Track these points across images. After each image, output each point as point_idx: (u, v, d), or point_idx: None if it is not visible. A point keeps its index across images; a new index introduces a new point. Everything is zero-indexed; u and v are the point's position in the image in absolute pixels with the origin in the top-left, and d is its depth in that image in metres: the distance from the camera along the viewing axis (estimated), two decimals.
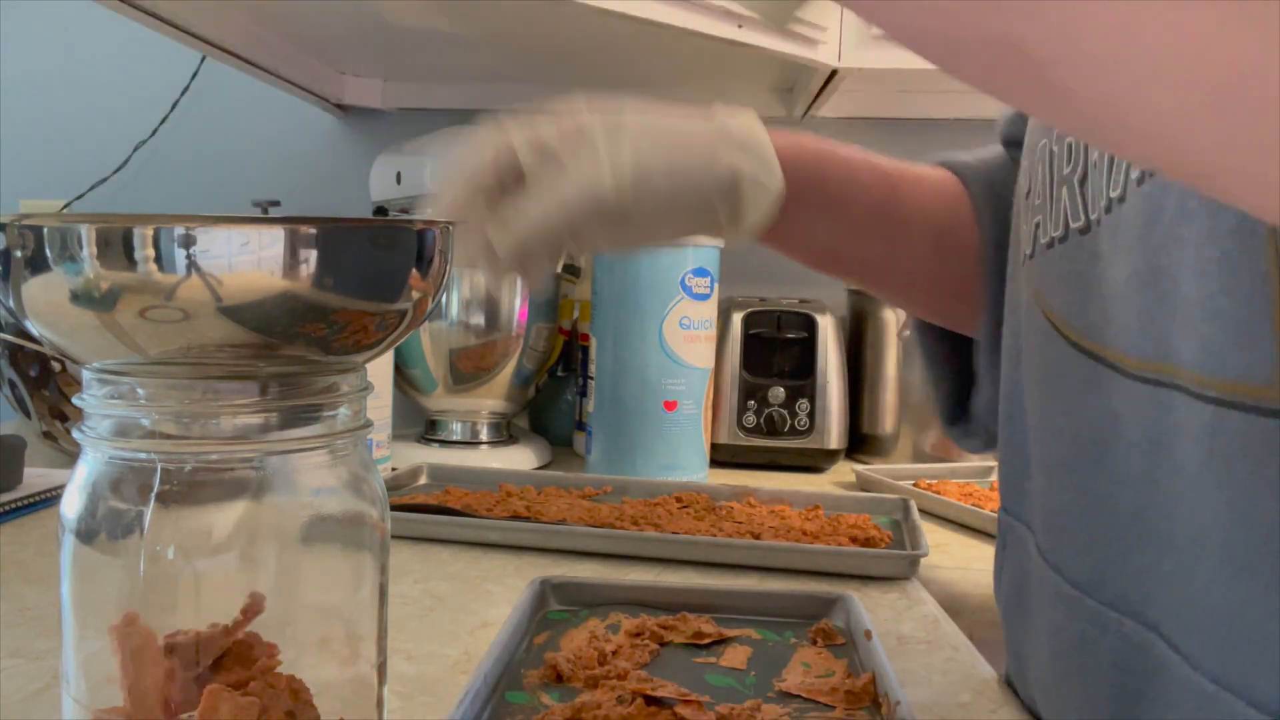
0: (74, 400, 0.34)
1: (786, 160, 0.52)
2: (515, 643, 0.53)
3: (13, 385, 1.02)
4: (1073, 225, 0.39)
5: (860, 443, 1.24)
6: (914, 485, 1.01)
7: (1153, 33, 0.18)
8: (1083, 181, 0.39)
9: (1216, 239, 0.29)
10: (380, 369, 0.99)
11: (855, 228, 0.57)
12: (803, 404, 1.16)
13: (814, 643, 0.56)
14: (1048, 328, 0.41)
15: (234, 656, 0.33)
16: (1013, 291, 0.49)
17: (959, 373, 0.63)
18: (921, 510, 0.95)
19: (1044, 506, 0.44)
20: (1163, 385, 0.33)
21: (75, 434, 0.33)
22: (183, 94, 1.43)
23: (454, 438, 1.17)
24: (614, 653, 0.52)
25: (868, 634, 0.53)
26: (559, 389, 1.30)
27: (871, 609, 0.65)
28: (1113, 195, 0.36)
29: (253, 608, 0.33)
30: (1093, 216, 0.38)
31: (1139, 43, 0.18)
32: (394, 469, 1.01)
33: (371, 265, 0.35)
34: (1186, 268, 0.31)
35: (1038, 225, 0.43)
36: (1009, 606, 0.52)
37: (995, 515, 0.88)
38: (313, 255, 0.32)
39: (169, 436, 0.33)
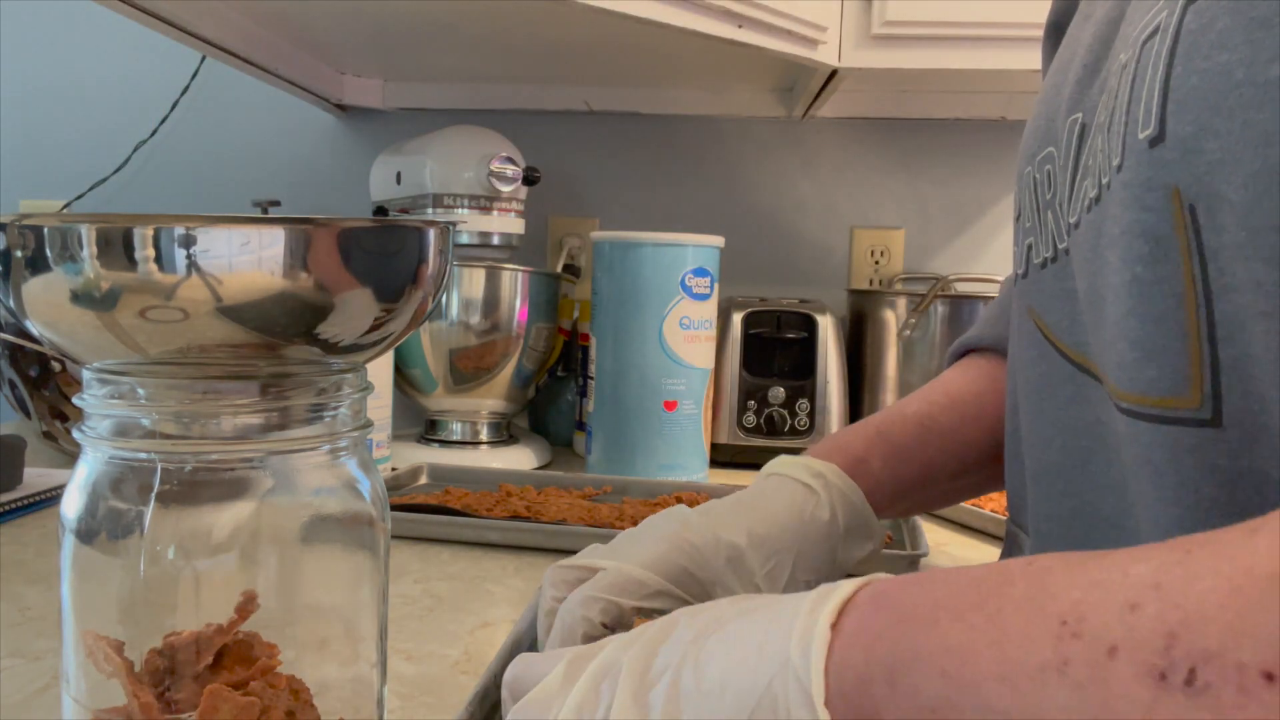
0: (74, 400, 0.34)
1: (871, 495, 0.55)
2: (530, 636, 0.53)
3: (13, 385, 1.02)
4: (1059, 246, 0.41)
5: None
6: None
7: None
8: (1062, 205, 0.41)
9: (1129, 264, 0.31)
10: (380, 369, 0.99)
11: (927, 495, 0.61)
12: (803, 404, 1.16)
13: None
14: (1042, 341, 0.43)
15: (234, 656, 0.33)
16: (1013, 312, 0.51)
17: None
18: None
19: (1035, 514, 0.45)
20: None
21: (75, 434, 0.33)
22: (183, 94, 1.44)
23: (454, 438, 1.17)
24: None
25: None
26: (559, 389, 1.30)
27: None
28: (1071, 221, 0.39)
29: (245, 606, 0.33)
30: (1068, 239, 0.40)
31: None
32: (394, 469, 1.01)
33: (372, 265, 0.35)
34: (1110, 289, 0.33)
35: (1029, 246, 0.45)
36: None
37: (995, 515, 0.88)
38: (313, 256, 0.32)
39: (169, 436, 0.33)
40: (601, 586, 0.44)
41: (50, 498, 0.84)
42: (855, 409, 1.23)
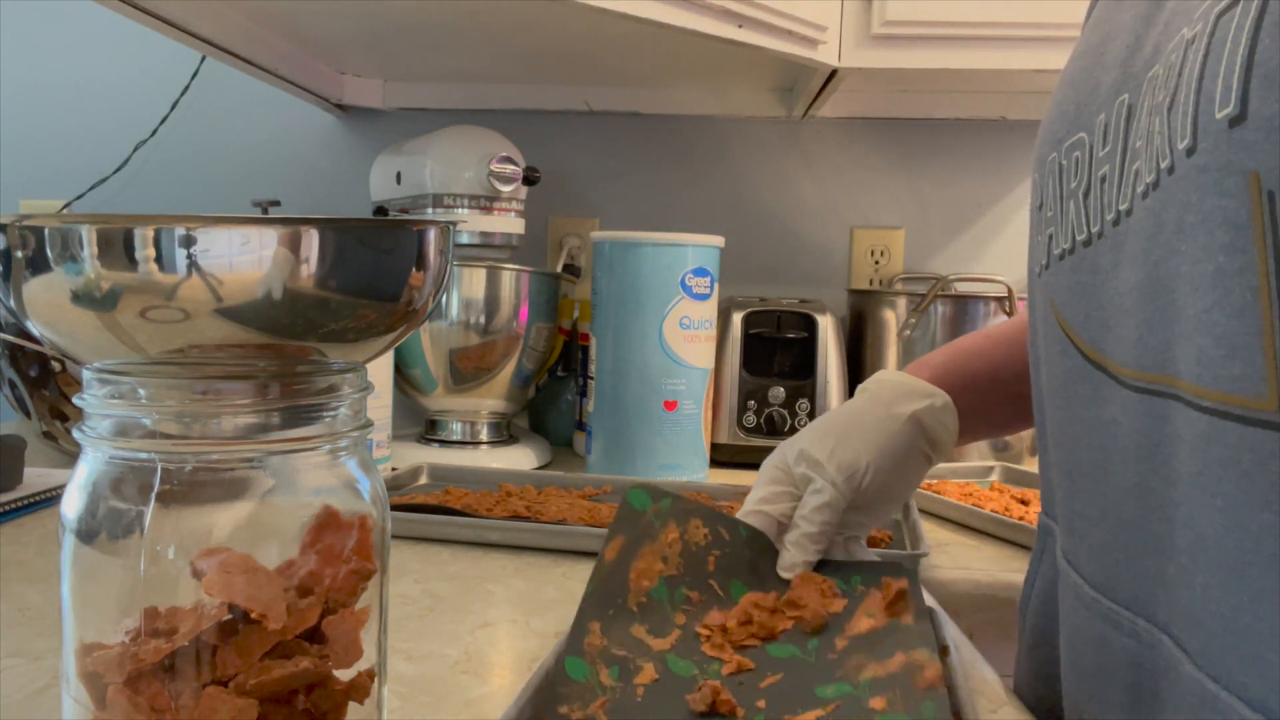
0: (74, 400, 0.34)
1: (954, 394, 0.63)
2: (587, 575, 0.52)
3: (13, 385, 1.02)
4: (1078, 238, 0.40)
5: None
6: None
7: None
8: (1086, 195, 0.40)
9: (1211, 254, 0.30)
10: (380, 369, 0.99)
11: (995, 393, 0.67)
12: (803, 404, 1.16)
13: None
14: (1063, 337, 0.43)
15: (279, 650, 0.33)
16: (1030, 303, 0.51)
17: None
18: (921, 510, 0.95)
19: (1065, 510, 0.45)
20: (1159, 395, 0.34)
21: (75, 434, 0.33)
22: (183, 94, 1.44)
23: (454, 438, 1.17)
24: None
25: (944, 650, 0.52)
26: (559, 389, 1.30)
27: None
28: (1121, 208, 0.37)
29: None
30: (1094, 229, 0.39)
31: None
32: (394, 469, 1.01)
33: (372, 265, 0.35)
34: (1184, 281, 0.32)
35: (1050, 237, 0.44)
36: (1039, 610, 0.52)
37: (995, 515, 0.88)
38: (313, 255, 0.32)
39: (169, 436, 0.33)
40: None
41: (50, 498, 0.85)
42: None
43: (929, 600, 0.64)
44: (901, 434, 0.60)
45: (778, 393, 1.16)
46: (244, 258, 0.31)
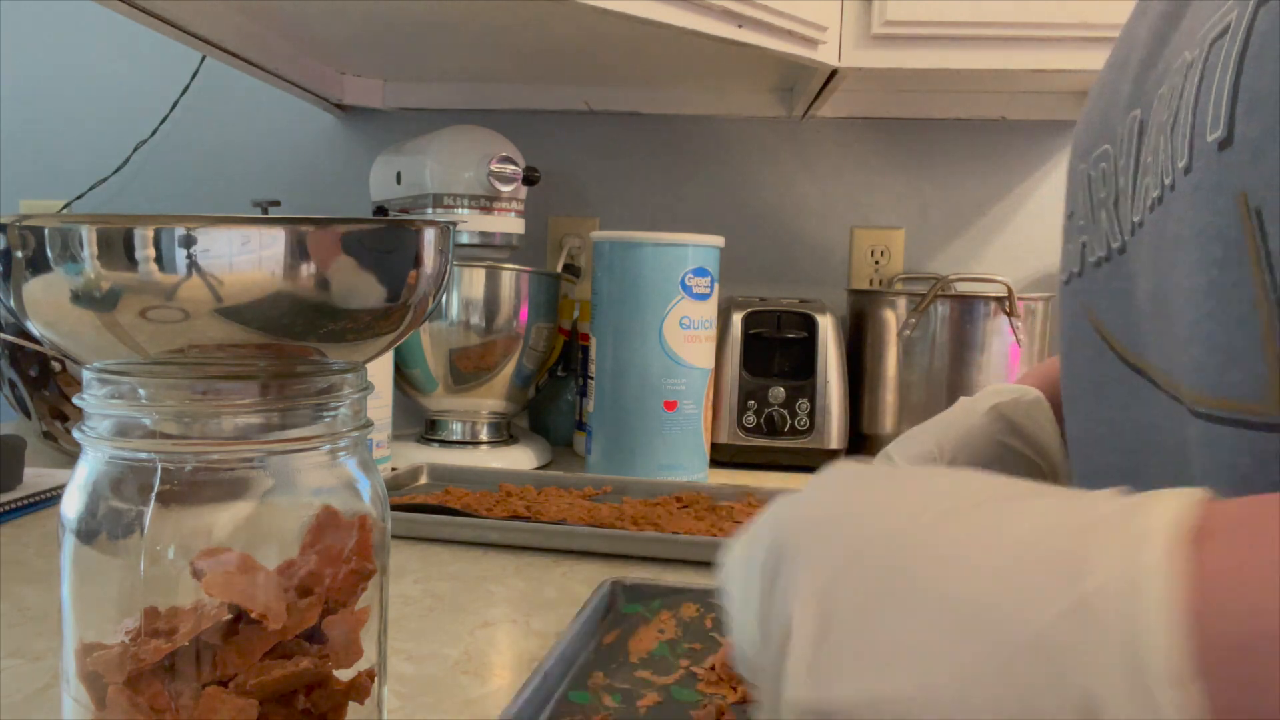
0: (74, 400, 0.34)
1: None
2: (582, 642, 0.53)
3: (13, 385, 1.02)
4: (1113, 245, 0.41)
5: (860, 443, 1.24)
6: None
7: None
8: (1116, 204, 0.41)
9: (1204, 268, 0.31)
10: (380, 369, 0.99)
11: None
12: (803, 404, 1.16)
13: None
14: (1098, 341, 0.43)
15: (277, 651, 0.33)
16: (1058, 311, 0.51)
17: None
18: None
19: None
20: (1177, 401, 0.35)
21: (75, 434, 0.33)
22: (183, 94, 1.43)
23: (454, 438, 1.17)
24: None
25: None
26: (559, 389, 1.30)
27: None
28: (1135, 220, 0.38)
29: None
30: (1127, 238, 0.40)
31: None
32: (394, 469, 1.01)
33: (372, 265, 0.35)
34: (1179, 292, 0.33)
35: (1084, 245, 0.45)
36: None
37: None
38: (313, 255, 0.32)
39: (169, 436, 0.33)
40: None
41: (50, 498, 0.84)
42: (855, 409, 1.23)
43: None
44: (979, 427, 0.59)
45: (778, 393, 1.16)
46: (244, 258, 0.31)
